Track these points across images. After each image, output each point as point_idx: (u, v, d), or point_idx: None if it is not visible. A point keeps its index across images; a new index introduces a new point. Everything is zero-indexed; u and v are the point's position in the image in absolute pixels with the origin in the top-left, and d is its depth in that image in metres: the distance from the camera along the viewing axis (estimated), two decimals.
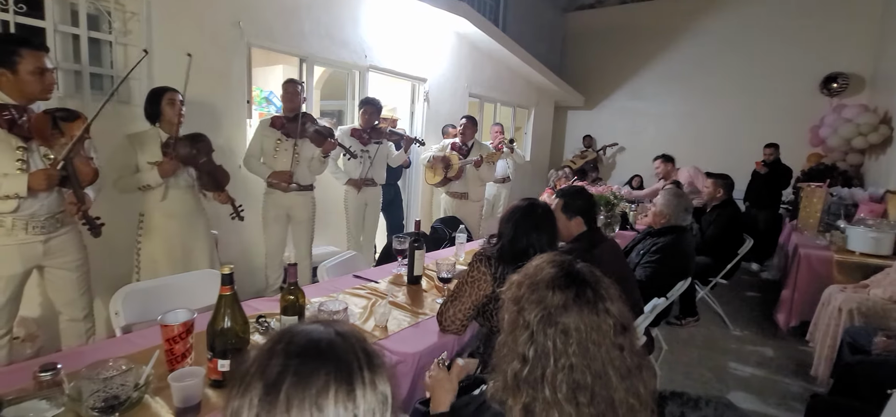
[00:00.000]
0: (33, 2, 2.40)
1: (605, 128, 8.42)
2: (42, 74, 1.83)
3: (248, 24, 3.32)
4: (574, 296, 0.81)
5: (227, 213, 2.56)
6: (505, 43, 5.71)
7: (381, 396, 0.58)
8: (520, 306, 0.85)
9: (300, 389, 0.53)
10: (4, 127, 1.80)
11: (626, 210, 4.23)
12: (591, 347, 0.79)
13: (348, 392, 0.55)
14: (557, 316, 0.80)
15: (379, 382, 0.58)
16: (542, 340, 0.80)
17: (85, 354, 1.39)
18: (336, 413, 0.54)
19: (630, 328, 0.84)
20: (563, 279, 0.84)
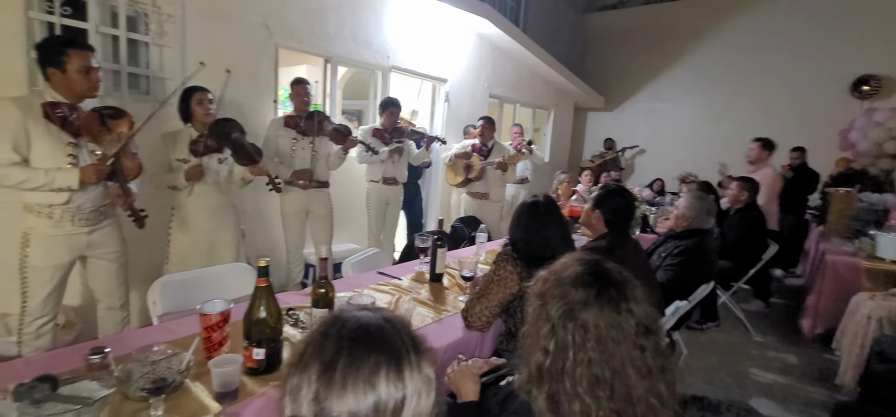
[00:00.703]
0: (77, 4, 2.52)
1: (626, 130, 8.34)
2: (88, 73, 1.92)
3: (276, 26, 3.41)
4: (595, 294, 0.84)
5: (253, 210, 2.66)
6: (525, 43, 5.72)
7: (426, 378, 0.62)
8: (543, 300, 0.88)
9: (354, 369, 0.57)
10: (57, 123, 1.90)
11: (647, 212, 4.20)
12: (610, 344, 0.81)
13: (397, 372, 0.59)
14: (577, 312, 0.82)
15: (424, 365, 0.62)
16: (562, 334, 0.83)
17: (127, 340, 1.47)
18: (387, 392, 0.58)
19: (654, 330, 0.86)
20: (587, 276, 0.86)
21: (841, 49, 6.40)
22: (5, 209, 2.05)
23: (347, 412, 0.57)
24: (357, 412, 0.57)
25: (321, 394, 0.57)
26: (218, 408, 1.13)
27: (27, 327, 2.07)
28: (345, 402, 0.56)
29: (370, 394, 0.57)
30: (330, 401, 0.57)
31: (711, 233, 2.75)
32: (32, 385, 1.05)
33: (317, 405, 0.57)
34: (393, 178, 3.85)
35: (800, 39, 6.73)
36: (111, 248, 2.18)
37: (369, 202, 3.87)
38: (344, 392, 0.57)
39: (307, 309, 1.69)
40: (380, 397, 0.58)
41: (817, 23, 6.58)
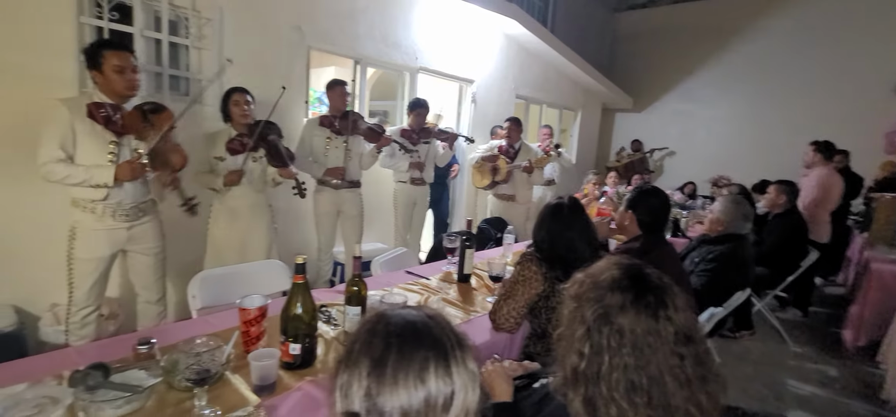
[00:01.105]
0: (124, 10, 2.64)
1: (655, 132, 8.16)
2: (122, 72, 1.99)
3: (308, 28, 3.48)
4: (632, 299, 0.83)
5: (284, 208, 2.72)
6: (553, 44, 5.67)
7: (472, 373, 0.63)
8: (579, 303, 0.87)
9: (404, 364, 0.59)
10: (101, 122, 2.00)
11: (678, 216, 4.09)
12: (647, 350, 0.80)
13: (446, 368, 0.60)
14: (613, 316, 0.81)
15: (468, 361, 0.63)
16: (597, 338, 0.82)
17: (170, 332, 1.53)
18: (437, 387, 0.59)
19: (695, 339, 0.84)
20: (625, 281, 0.85)
21: (883, 48, 6.10)
22: (57, 204, 2.17)
23: (399, 407, 0.58)
24: (409, 407, 0.58)
25: (373, 390, 0.58)
26: (257, 401, 1.16)
27: (73, 316, 2.18)
28: (397, 397, 0.58)
29: (421, 389, 0.58)
30: (382, 397, 0.58)
31: (748, 239, 2.66)
32: (87, 373, 1.11)
33: (369, 400, 0.58)
34: (420, 179, 3.88)
35: (840, 39, 6.44)
36: (150, 244, 2.27)
37: (396, 202, 3.90)
38: (395, 388, 0.58)
39: (339, 307, 1.72)
40: (430, 392, 0.59)
41: (858, 21, 6.29)
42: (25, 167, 2.35)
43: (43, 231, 2.40)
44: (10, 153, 2.35)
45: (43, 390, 1.11)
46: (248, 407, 1.11)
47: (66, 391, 1.09)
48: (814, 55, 6.65)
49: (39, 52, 2.39)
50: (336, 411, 0.62)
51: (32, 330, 2.50)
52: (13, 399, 1.07)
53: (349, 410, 0.59)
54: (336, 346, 1.49)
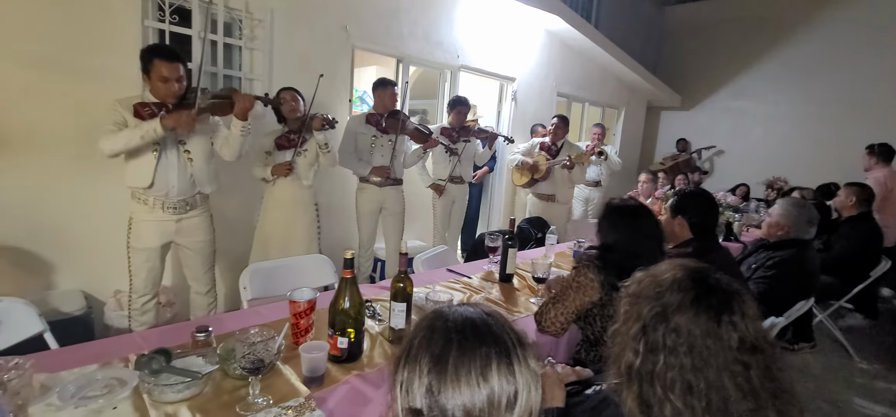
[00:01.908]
0: (184, 13, 2.79)
1: (704, 131, 7.77)
2: (167, 82, 2.08)
3: (354, 28, 3.55)
4: (693, 299, 0.79)
5: (325, 204, 2.79)
6: (597, 40, 5.51)
7: (534, 373, 0.61)
8: (637, 300, 0.85)
9: (466, 361, 0.57)
10: (147, 118, 2.10)
11: (731, 219, 3.89)
12: (704, 353, 0.76)
13: (508, 366, 0.59)
14: (671, 315, 0.78)
15: (530, 360, 0.61)
16: (653, 336, 0.79)
17: (225, 321, 1.59)
18: (500, 385, 0.58)
19: (765, 351, 0.78)
20: (687, 281, 0.82)
21: None
22: (119, 197, 2.30)
23: (462, 405, 0.56)
24: (472, 405, 0.56)
25: (434, 387, 0.57)
26: (307, 392, 1.19)
27: (134, 303, 2.31)
28: (460, 395, 0.56)
29: (484, 387, 0.57)
30: (444, 394, 0.57)
31: (811, 245, 2.49)
32: (151, 357, 1.16)
33: (430, 397, 0.57)
34: (459, 177, 3.87)
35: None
36: (198, 237, 2.37)
37: (435, 200, 3.90)
38: (458, 385, 0.57)
39: (383, 302, 1.74)
40: (493, 390, 0.57)
41: None
42: (93, 162, 2.52)
43: (107, 222, 2.56)
44: (80, 149, 2.52)
45: (112, 372, 1.18)
46: (299, 398, 1.13)
47: (133, 373, 1.15)
48: (880, 51, 6.13)
49: (107, 54, 2.55)
50: (396, 407, 0.61)
51: (99, 314, 2.68)
52: (86, 379, 1.14)
53: (411, 407, 0.58)
54: (382, 341, 1.50)
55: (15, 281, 2.47)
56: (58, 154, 2.51)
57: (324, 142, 2.68)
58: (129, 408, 1.07)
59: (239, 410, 1.09)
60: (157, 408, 1.07)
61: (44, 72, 2.41)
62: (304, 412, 1.05)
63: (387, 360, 1.39)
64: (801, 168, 6.62)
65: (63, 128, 2.49)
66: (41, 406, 1.04)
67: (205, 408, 1.09)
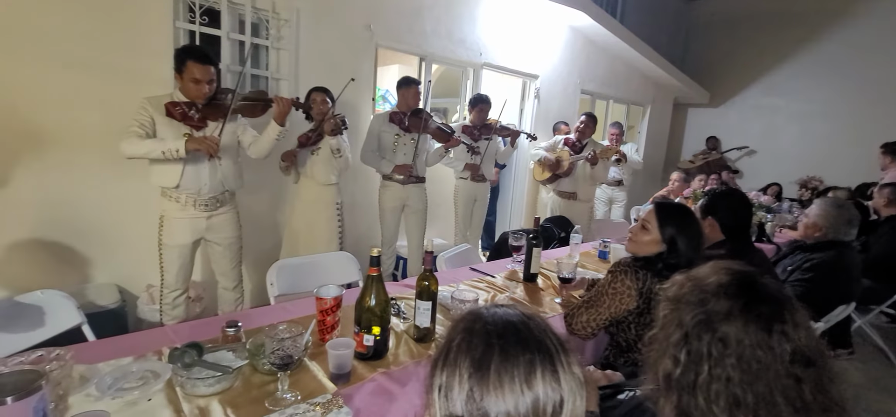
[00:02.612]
0: (213, 14, 2.85)
1: (733, 129, 7.54)
2: (198, 83, 2.13)
3: (378, 26, 3.56)
4: (742, 307, 0.74)
5: (349, 202, 2.81)
6: (623, 36, 5.40)
7: (578, 380, 0.59)
8: (678, 305, 0.80)
9: (509, 367, 0.55)
10: (178, 118, 2.17)
11: (763, 219, 3.75)
12: (755, 365, 0.71)
13: (553, 373, 0.56)
14: (717, 323, 0.74)
15: (574, 366, 0.59)
16: (696, 345, 0.75)
17: (253, 316, 1.61)
18: (545, 392, 0.55)
19: (817, 362, 0.74)
20: (734, 287, 0.77)
21: None
22: (151, 194, 2.37)
23: (505, 412, 0.54)
24: (516, 413, 0.54)
25: (476, 393, 0.55)
26: (333, 389, 1.19)
27: (166, 297, 2.38)
28: (503, 401, 0.54)
29: (528, 394, 0.55)
30: (487, 400, 0.55)
31: (851, 247, 2.38)
32: (184, 351, 1.19)
33: (472, 403, 0.55)
34: (481, 175, 3.85)
35: None
36: (226, 234, 2.42)
37: (457, 198, 3.90)
38: (501, 391, 0.55)
39: (407, 300, 1.74)
40: (538, 397, 0.55)
41: None
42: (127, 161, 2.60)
43: (141, 218, 2.63)
44: (113, 147, 2.59)
45: (146, 364, 1.21)
46: (326, 395, 1.14)
47: (166, 366, 1.18)
48: None
49: (140, 55, 2.63)
50: (434, 411, 0.59)
51: (132, 307, 2.77)
52: (122, 371, 1.17)
53: (452, 413, 0.56)
54: (407, 339, 1.50)
55: (55, 274, 2.57)
56: (94, 152, 2.59)
57: (336, 148, 2.69)
58: (162, 401, 1.09)
59: (268, 405, 1.10)
60: (189, 401, 1.09)
61: (81, 73, 2.50)
62: (332, 408, 1.05)
63: (412, 358, 1.39)
64: (836, 167, 6.36)
65: (99, 128, 2.57)
66: (80, 397, 1.07)
67: (235, 402, 1.10)
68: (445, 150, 3.32)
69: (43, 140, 2.46)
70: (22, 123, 2.39)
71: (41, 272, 2.53)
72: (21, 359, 1.05)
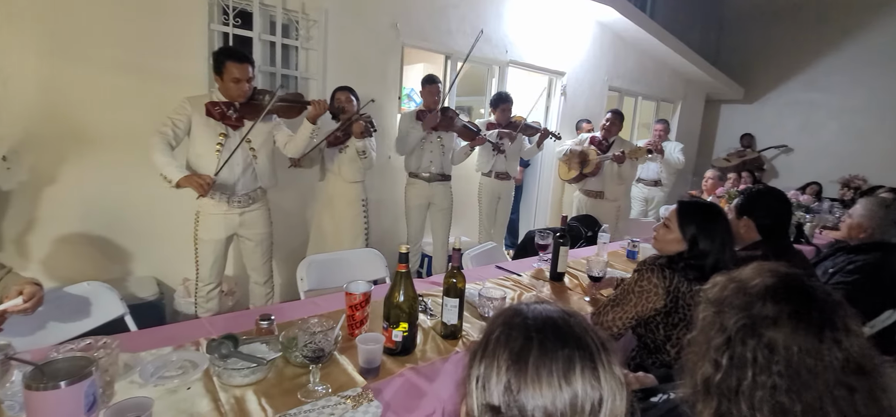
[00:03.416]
0: (245, 16, 2.93)
1: (769, 126, 7.25)
2: (238, 82, 2.20)
3: (404, 25, 3.59)
4: (791, 312, 0.71)
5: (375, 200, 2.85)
6: (653, 30, 5.27)
7: (619, 381, 0.58)
8: (720, 308, 0.77)
9: (547, 361, 0.55)
10: (216, 117, 2.24)
11: (801, 220, 3.61)
12: (805, 373, 0.68)
13: (592, 371, 0.56)
14: (763, 328, 0.71)
15: (614, 366, 0.58)
16: (740, 350, 0.72)
17: (284, 310, 1.65)
18: (584, 390, 0.55)
19: (870, 371, 0.70)
20: (781, 291, 0.74)
21: None
22: (188, 192, 2.45)
23: (543, 407, 0.54)
24: (553, 409, 0.54)
25: (513, 385, 0.55)
26: (363, 382, 1.21)
27: (200, 291, 2.46)
28: (540, 396, 0.54)
29: (566, 390, 0.54)
30: (524, 394, 0.54)
31: None
32: (221, 342, 1.23)
33: (509, 395, 0.55)
34: (505, 173, 3.83)
35: None
36: (258, 230, 2.49)
37: (481, 196, 3.90)
38: (538, 385, 0.54)
39: (435, 297, 1.75)
40: (577, 394, 0.55)
41: None
42: None
43: (177, 214, 2.73)
44: None
45: (185, 354, 1.26)
46: (356, 388, 1.16)
47: (204, 357, 1.23)
48: None
49: (176, 57, 2.73)
50: (471, 402, 0.59)
51: (169, 300, 2.88)
52: (162, 360, 1.22)
53: (489, 403, 0.57)
54: (434, 336, 1.51)
55: (98, 267, 2.69)
56: (134, 151, 2.69)
57: (362, 150, 2.74)
58: (201, 389, 1.13)
59: (300, 396, 1.13)
60: (225, 391, 1.13)
61: (123, 75, 2.61)
62: (363, 401, 1.07)
63: (440, 355, 1.40)
64: (880, 165, 6.04)
65: (139, 127, 2.67)
66: (125, 383, 1.13)
67: (269, 393, 1.13)
68: (470, 148, 3.32)
69: (88, 139, 2.58)
70: (70, 124, 2.52)
71: (86, 264, 2.65)
72: (71, 347, 1.11)
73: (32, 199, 2.50)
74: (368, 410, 1.06)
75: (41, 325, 1.50)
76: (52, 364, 0.84)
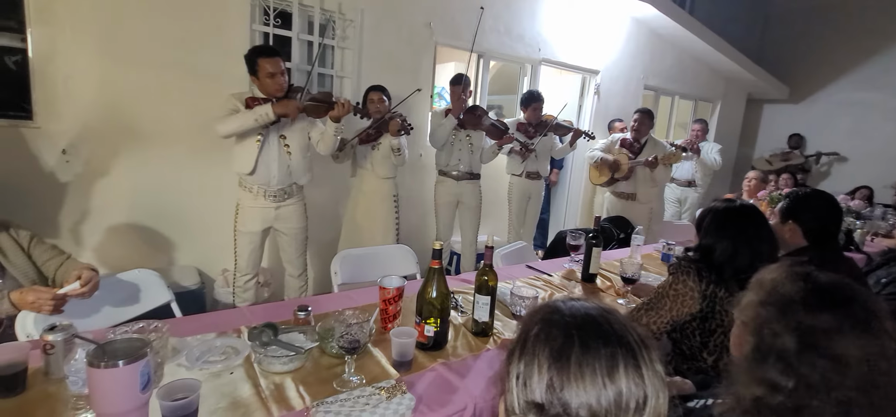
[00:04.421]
0: (285, 16, 3.02)
1: (816, 126, 6.88)
2: (273, 76, 2.28)
3: (437, 24, 3.61)
4: (844, 315, 0.68)
5: (405, 196, 2.89)
6: (692, 27, 5.10)
7: (661, 378, 0.57)
8: (765, 330, 0.75)
9: (590, 359, 0.55)
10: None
11: (852, 226, 3.42)
12: (880, 379, 0.65)
13: (636, 368, 0.55)
14: (825, 342, 0.68)
15: (656, 363, 0.57)
16: (806, 371, 0.68)
17: (319, 302, 1.70)
18: (628, 387, 0.54)
19: None
20: (819, 296, 0.72)
21: None
22: (229, 185, 2.56)
23: (588, 405, 0.54)
24: (598, 406, 0.54)
25: (556, 383, 0.55)
26: (396, 375, 1.24)
27: (238, 281, 2.57)
28: (584, 393, 0.54)
29: (610, 388, 0.54)
30: (568, 391, 0.54)
31: None
32: (262, 330, 1.28)
33: (552, 392, 0.55)
34: (535, 173, 3.80)
35: None
36: (294, 224, 2.58)
37: (511, 195, 3.88)
38: (582, 382, 0.54)
39: (465, 294, 1.76)
40: (621, 392, 0.54)
41: None
42: (207, 154, 2.83)
43: (218, 207, 2.85)
44: (196, 141, 2.83)
45: (227, 341, 1.32)
46: (390, 380, 1.19)
47: (245, 343, 1.28)
48: None
49: (220, 55, 2.84)
50: (511, 399, 0.59)
51: (209, 289, 3.00)
52: (206, 345, 1.28)
53: (532, 400, 0.56)
54: (465, 333, 1.52)
55: (145, 255, 2.84)
56: (180, 146, 2.83)
57: (396, 147, 2.79)
58: (242, 374, 1.18)
59: (336, 385, 1.16)
60: (265, 377, 1.18)
61: (170, 74, 2.74)
62: (396, 393, 1.10)
63: (471, 352, 1.41)
64: None
65: (184, 123, 2.81)
66: (173, 366, 1.19)
67: (306, 381, 1.17)
68: (498, 148, 3.30)
69: (137, 135, 2.72)
70: (121, 120, 2.66)
71: (133, 253, 2.80)
72: (126, 329, 1.18)
73: (86, 191, 2.66)
74: (402, 402, 1.08)
75: (96, 309, 1.60)
76: (111, 344, 0.90)
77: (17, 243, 1.53)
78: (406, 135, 2.80)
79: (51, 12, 2.40)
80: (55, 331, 1.09)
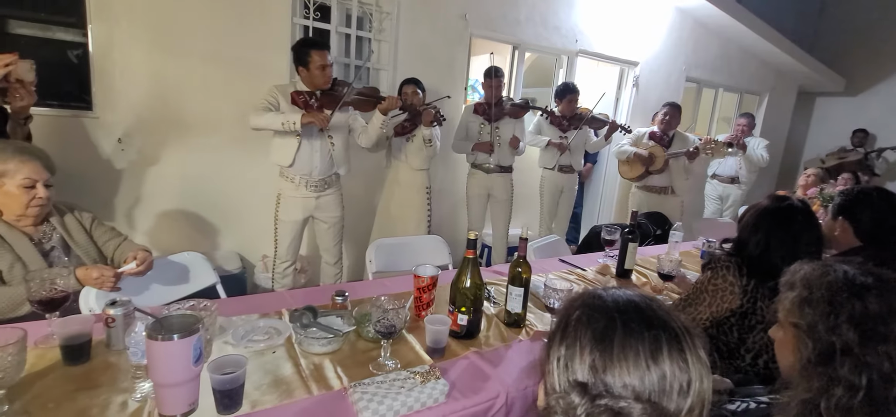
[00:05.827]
0: (324, 10, 3.09)
1: (875, 121, 6.42)
2: (323, 69, 2.35)
3: (472, 16, 3.60)
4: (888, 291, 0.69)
5: (436, 189, 2.92)
6: (741, 16, 4.86)
7: (704, 364, 0.57)
8: (820, 328, 0.73)
9: (633, 342, 0.55)
10: (300, 105, 2.39)
11: None
12: None
13: (679, 352, 0.55)
14: (881, 327, 0.67)
15: (700, 349, 0.57)
16: (875, 360, 0.67)
17: (355, 289, 1.75)
18: (672, 370, 0.54)
19: None
20: (856, 280, 0.72)
21: None
22: (270, 175, 2.65)
23: (632, 386, 0.54)
24: (642, 388, 0.54)
25: (599, 364, 0.55)
26: (430, 361, 1.26)
27: (278, 267, 2.66)
28: (628, 375, 0.54)
29: (654, 370, 0.54)
30: (611, 373, 0.54)
31: None
32: (303, 312, 1.33)
33: (595, 374, 0.55)
34: (568, 166, 3.75)
35: None
36: (332, 213, 2.65)
37: (543, 189, 3.84)
38: (625, 364, 0.54)
39: (498, 285, 1.77)
40: (665, 374, 0.54)
41: None
42: (250, 144, 2.93)
43: (260, 195, 2.96)
44: (240, 132, 2.93)
45: (270, 322, 1.38)
46: (424, 366, 1.21)
47: (286, 325, 1.34)
48: None
49: (262, 48, 2.94)
50: (552, 380, 0.59)
51: (250, 274, 3.13)
52: (250, 325, 1.34)
53: (575, 380, 0.57)
54: (497, 323, 1.53)
55: (191, 240, 2.99)
56: (224, 135, 2.96)
57: (428, 138, 2.82)
58: (284, 354, 1.24)
59: (372, 368, 1.20)
60: (306, 357, 1.23)
61: (215, 66, 2.85)
62: (430, 379, 1.12)
63: (503, 342, 1.42)
64: None
65: (228, 114, 2.92)
66: (219, 343, 1.26)
67: (344, 363, 1.22)
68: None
69: (185, 125, 2.86)
70: (170, 111, 2.80)
71: (181, 237, 2.96)
72: (178, 306, 1.26)
73: (139, 178, 2.82)
74: (436, 387, 1.10)
75: (148, 287, 1.71)
76: (167, 319, 0.96)
77: (80, 224, 1.65)
78: (439, 126, 2.84)
79: (109, 8, 2.55)
80: (115, 306, 1.18)
